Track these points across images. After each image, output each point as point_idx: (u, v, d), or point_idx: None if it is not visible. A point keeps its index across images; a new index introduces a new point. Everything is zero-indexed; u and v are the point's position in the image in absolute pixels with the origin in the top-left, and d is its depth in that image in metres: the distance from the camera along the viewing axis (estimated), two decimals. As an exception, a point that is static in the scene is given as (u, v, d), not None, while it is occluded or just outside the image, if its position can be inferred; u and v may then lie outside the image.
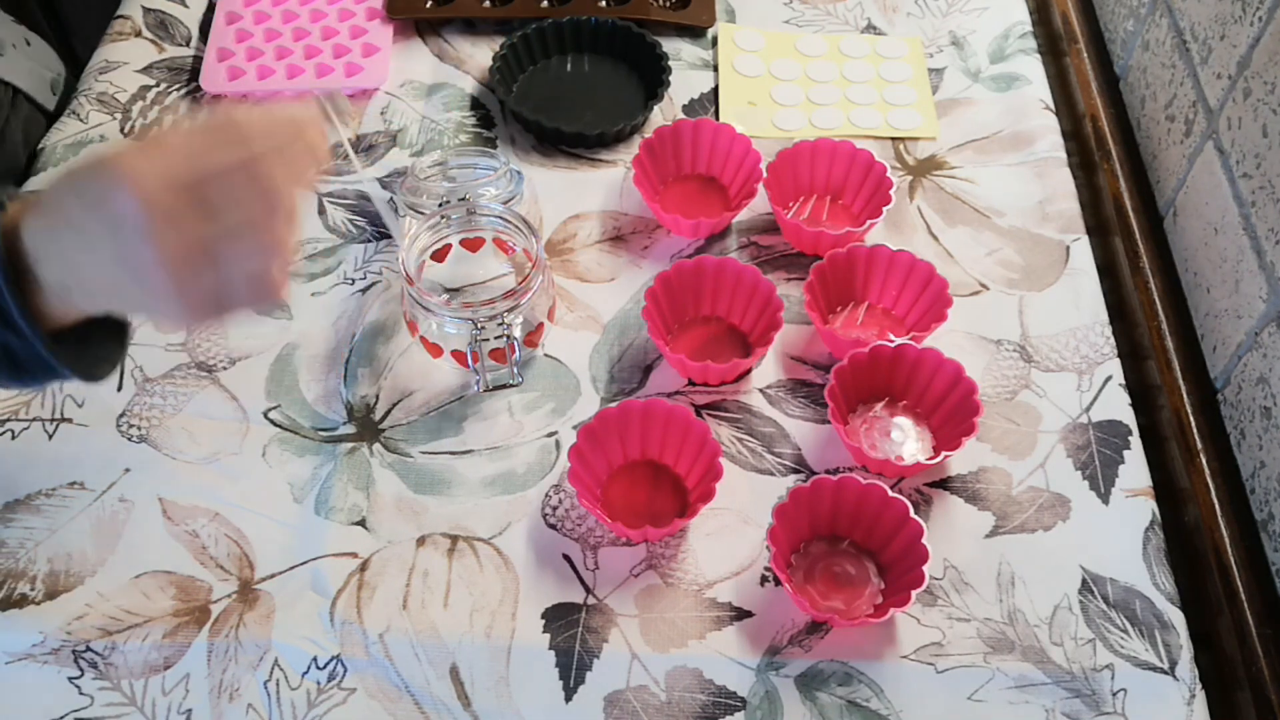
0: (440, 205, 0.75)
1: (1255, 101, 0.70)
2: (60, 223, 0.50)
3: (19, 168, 0.86)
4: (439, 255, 0.77)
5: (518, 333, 0.70)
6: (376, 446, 0.72)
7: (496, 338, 0.70)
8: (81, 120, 0.89)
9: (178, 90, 0.91)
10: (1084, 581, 0.67)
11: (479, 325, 0.69)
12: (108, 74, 0.92)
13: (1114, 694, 0.63)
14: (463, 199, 0.75)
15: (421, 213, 0.75)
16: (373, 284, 0.80)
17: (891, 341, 0.72)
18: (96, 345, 0.56)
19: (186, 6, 0.97)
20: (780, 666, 0.64)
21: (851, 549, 0.68)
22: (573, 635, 0.65)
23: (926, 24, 0.98)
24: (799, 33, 0.98)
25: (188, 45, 0.95)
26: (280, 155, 0.52)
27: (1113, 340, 0.78)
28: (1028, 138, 0.89)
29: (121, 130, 0.88)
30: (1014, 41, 0.96)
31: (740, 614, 0.66)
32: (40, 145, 0.87)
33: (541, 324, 0.75)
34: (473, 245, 0.78)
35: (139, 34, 0.95)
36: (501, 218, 0.73)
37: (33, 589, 0.66)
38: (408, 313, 0.74)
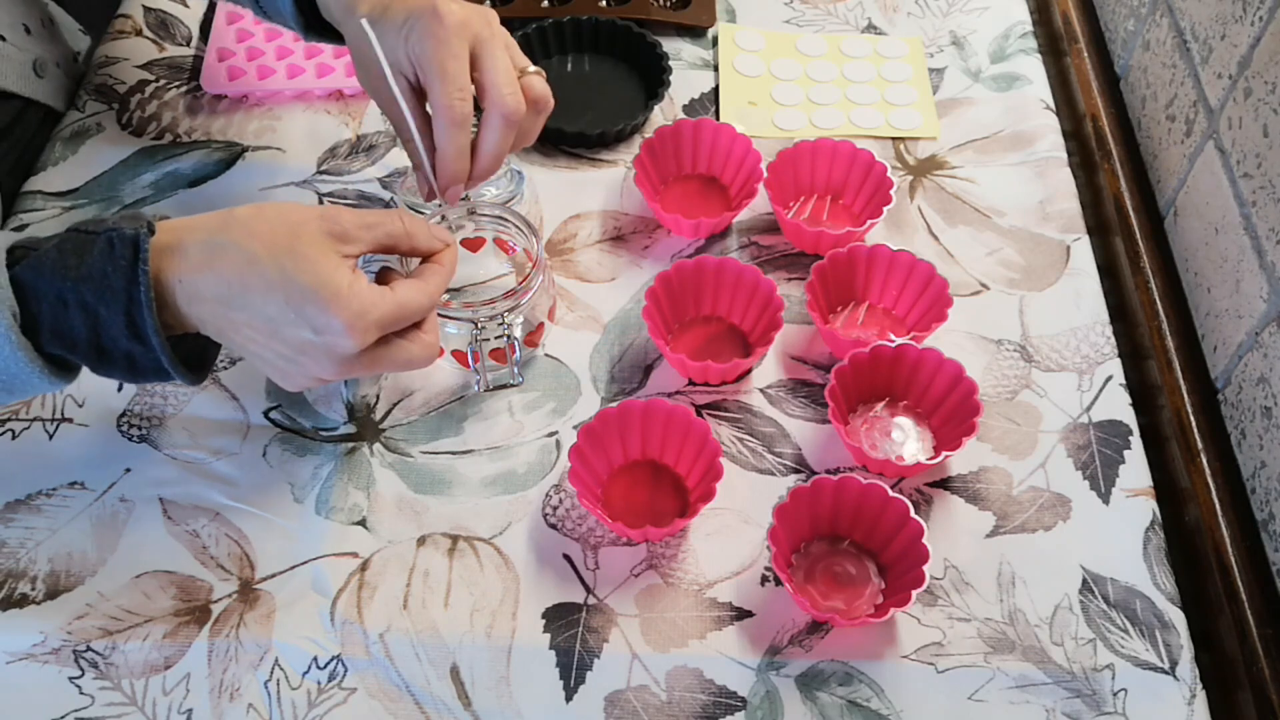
0: (440, 205, 0.75)
1: (1256, 101, 0.70)
2: (250, 298, 0.57)
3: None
4: None
5: (518, 333, 0.70)
6: (377, 446, 0.72)
7: (497, 338, 0.70)
8: (79, 110, 0.89)
9: (177, 87, 0.91)
10: (1084, 581, 0.67)
11: (479, 325, 0.69)
12: (106, 68, 0.92)
13: (1114, 694, 0.63)
14: (463, 199, 0.75)
15: (422, 213, 0.75)
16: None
17: (892, 341, 0.72)
18: (199, 347, 0.62)
19: (187, 6, 0.97)
20: (781, 666, 0.64)
21: (852, 549, 0.68)
22: (573, 635, 0.65)
23: (927, 24, 0.98)
24: (799, 33, 0.98)
25: (188, 45, 0.95)
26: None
27: (1113, 340, 0.78)
28: (1028, 137, 0.89)
29: (119, 121, 0.88)
30: (1014, 41, 0.96)
31: (741, 614, 0.66)
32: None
33: (542, 324, 0.75)
34: (473, 245, 0.78)
35: (139, 33, 0.95)
36: (502, 218, 0.73)
37: (33, 589, 0.66)
38: (408, 312, 0.74)
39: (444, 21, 0.62)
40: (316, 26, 0.72)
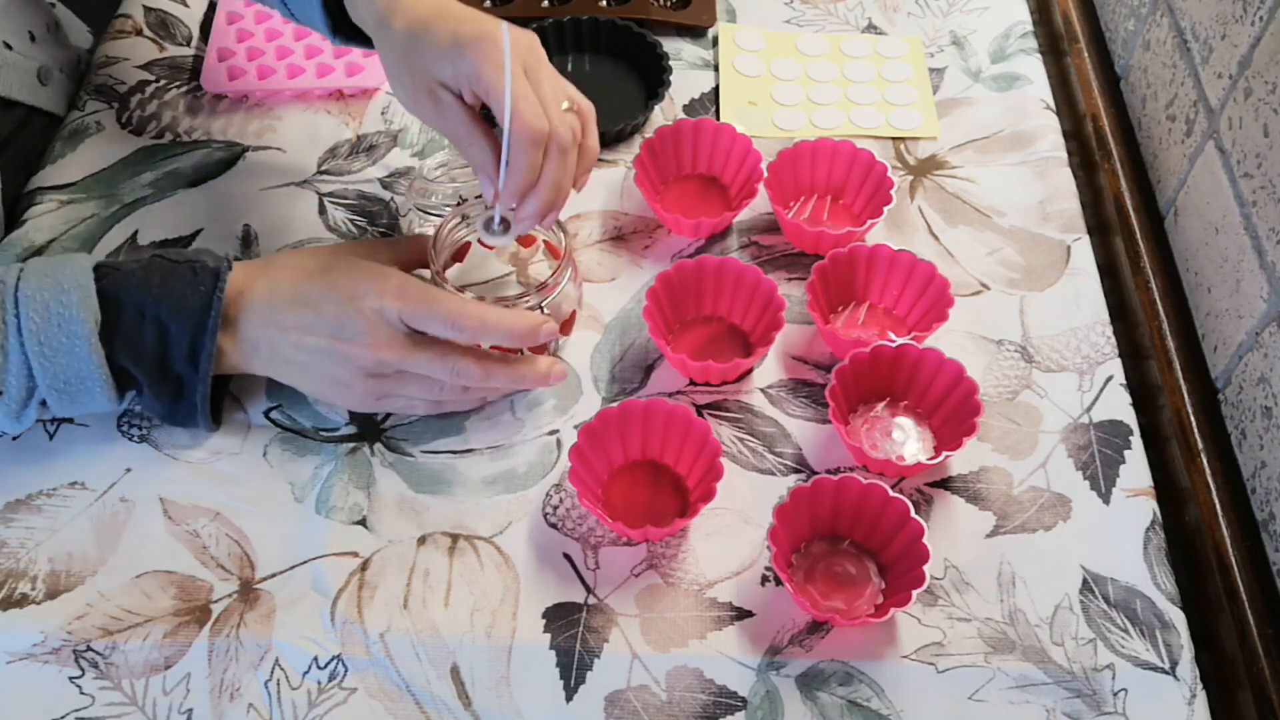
0: (456, 205, 0.75)
1: (1256, 101, 0.70)
2: (299, 290, 0.67)
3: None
4: (459, 255, 0.77)
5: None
6: (378, 446, 0.72)
7: None
8: (79, 109, 0.89)
9: (177, 87, 0.91)
10: (1085, 581, 0.67)
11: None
12: (107, 68, 0.92)
13: (1115, 694, 0.63)
14: (478, 197, 0.75)
15: (429, 214, 0.75)
16: (373, 283, 0.80)
17: (893, 341, 0.72)
18: (217, 401, 0.71)
19: (187, 6, 0.97)
20: (781, 666, 0.64)
21: (852, 549, 0.68)
22: (573, 635, 0.65)
23: (927, 24, 0.98)
24: (799, 32, 0.98)
25: (188, 45, 0.95)
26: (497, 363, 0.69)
27: (1114, 340, 0.78)
28: (1028, 137, 0.89)
29: (119, 120, 0.88)
30: (1015, 41, 0.96)
31: (741, 614, 0.66)
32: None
33: (574, 311, 0.75)
34: (525, 242, 0.78)
35: (139, 33, 0.95)
36: None
37: (33, 589, 0.66)
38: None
39: (502, 47, 0.64)
40: (344, 29, 0.73)
